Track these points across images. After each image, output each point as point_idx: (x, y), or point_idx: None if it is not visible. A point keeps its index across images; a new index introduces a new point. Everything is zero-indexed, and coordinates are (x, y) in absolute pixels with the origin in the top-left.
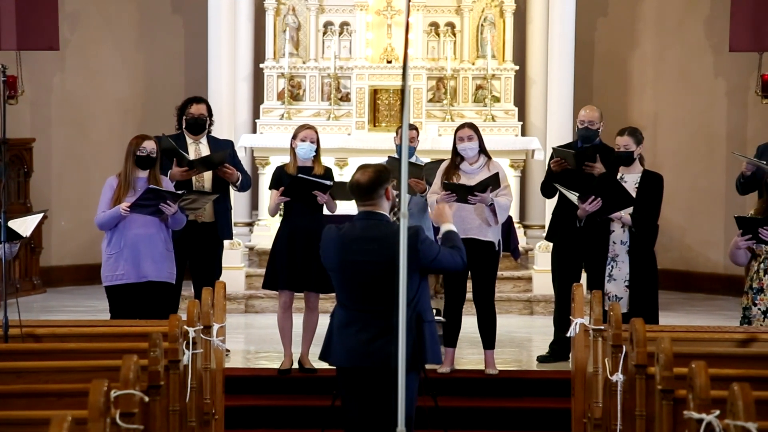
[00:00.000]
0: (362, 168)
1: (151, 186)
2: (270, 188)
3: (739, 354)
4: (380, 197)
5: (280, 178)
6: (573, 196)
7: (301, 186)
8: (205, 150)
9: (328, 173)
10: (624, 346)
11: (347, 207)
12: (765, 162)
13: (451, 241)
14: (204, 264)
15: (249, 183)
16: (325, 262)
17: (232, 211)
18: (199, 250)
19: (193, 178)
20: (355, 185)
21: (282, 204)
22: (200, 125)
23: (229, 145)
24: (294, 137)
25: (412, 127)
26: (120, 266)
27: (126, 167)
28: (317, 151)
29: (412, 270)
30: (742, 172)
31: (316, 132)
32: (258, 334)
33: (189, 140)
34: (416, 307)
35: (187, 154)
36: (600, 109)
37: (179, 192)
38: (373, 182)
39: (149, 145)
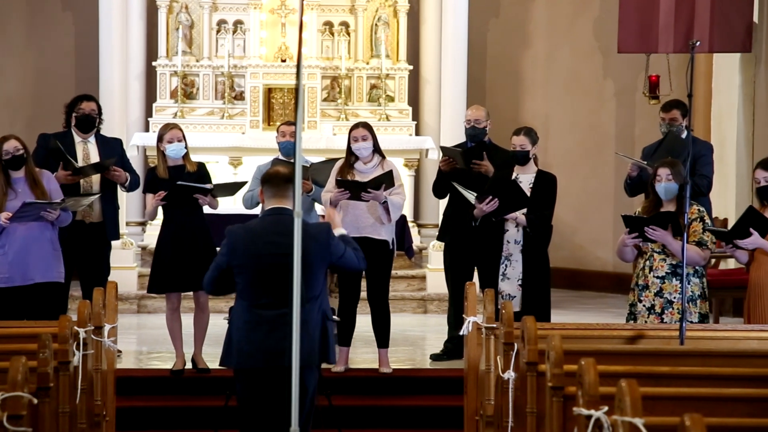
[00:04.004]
0: (274, 165)
1: (26, 201)
2: (144, 192)
3: (627, 351)
4: (292, 194)
5: (153, 182)
6: (471, 196)
7: (182, 192)
8: (93, 149)
9: (201, 169)
10: (516, 344)
11: (230, 206)
12: (647, 162)
13: (349, 243)
14: (92, 264)
15: (138, 183)
16: (233, 260)
17: (124, 211)
18: (87, 251)
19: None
20: (275, 174)
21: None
22: (91, 122)
23: (118, 144)
24: (160, 139)
25: (292, 123)
26: (5, 269)
27: None
28: (186, 148)
29: (322, 265)
30: (628, 173)
31: (181, 129)
32: (150, 334)
33: (77, 138)
34: (322, 305)
35: (75, 153)
36: (486, 108)
37: (56, 201)
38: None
39: (10, 146)
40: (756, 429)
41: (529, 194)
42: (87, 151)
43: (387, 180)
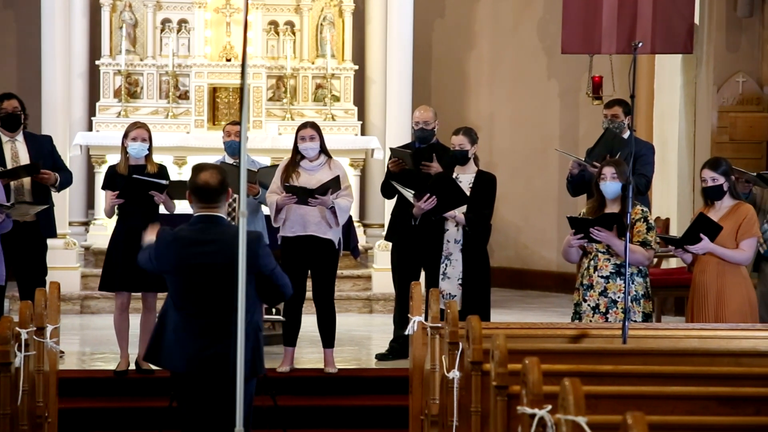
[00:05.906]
0: (203, 169)
1: None
2: (103, 188)
3: (571, 350)
4: (224, 201)
5: (112, 178)
6: (409, 194)
7: (136, 186)
8: (22, 147)
9: (162, 171)
10: (461, 344)
11: (186, 206)
12: (585, 159)
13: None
14: (29, 264)
15: (69, 181)
16: (161, 265)
17: (67, 211)
18: (23, 251)
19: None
20: (204, 186)
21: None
22: (16, 119)
23: (47, 141)
24: (125, 136)
25: (237, 123)
26: None
27: None
28: (150, 149)
29: (250, 274)
30: (570, 170)
31: (148, 130)
32: (94, 335)
33: (5, 138)
34: (253, 317)
35: (3, 153)
36: (434, 109)
37: (6, 204)
38: (222, 185)
39: None
40: (697, 427)
41: (469, 194)
42: (15, 149)
43: (334, 185)
